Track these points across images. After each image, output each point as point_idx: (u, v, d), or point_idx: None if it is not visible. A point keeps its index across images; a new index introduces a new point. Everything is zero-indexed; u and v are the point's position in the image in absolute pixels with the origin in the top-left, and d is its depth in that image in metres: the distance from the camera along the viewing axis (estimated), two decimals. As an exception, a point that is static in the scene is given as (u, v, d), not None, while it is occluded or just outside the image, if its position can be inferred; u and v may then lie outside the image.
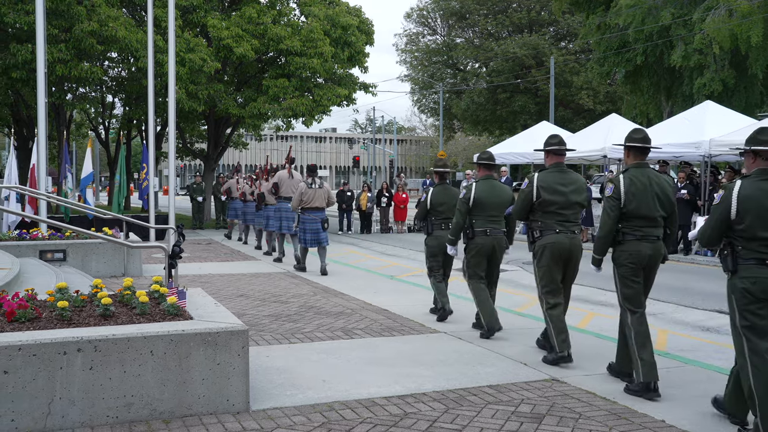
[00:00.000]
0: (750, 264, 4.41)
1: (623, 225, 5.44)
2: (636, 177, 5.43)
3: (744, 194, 4.42)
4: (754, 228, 4.37)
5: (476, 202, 7.06)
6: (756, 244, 4.39)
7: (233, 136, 27.96)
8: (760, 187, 4.41)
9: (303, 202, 11.68)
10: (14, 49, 16.95)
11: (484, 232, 7.09)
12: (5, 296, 5.00)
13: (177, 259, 5.78)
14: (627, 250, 5.44)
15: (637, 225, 5.40)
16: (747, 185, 4.46)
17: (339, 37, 21.98)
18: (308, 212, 11.68)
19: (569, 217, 6.18)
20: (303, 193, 11.68)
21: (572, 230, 6.19)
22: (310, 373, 5.70)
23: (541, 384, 5.55)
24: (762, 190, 4.40)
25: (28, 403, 4.19)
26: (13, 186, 12.86)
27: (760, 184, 4.42)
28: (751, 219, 4.38)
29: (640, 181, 5.41)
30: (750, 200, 4.39)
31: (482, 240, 7.10)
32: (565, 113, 44.39)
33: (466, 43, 51.01)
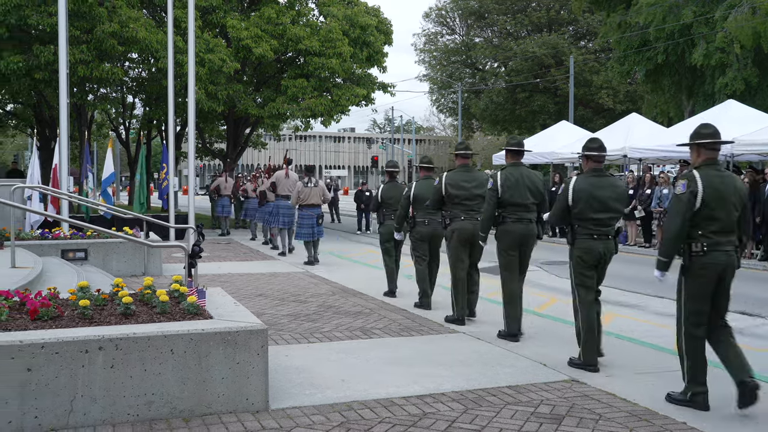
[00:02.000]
0: (584, 238, 5.91)
1: (502, 210, 6.91)
2: (510, 173, 6.92)
3: (577, 187, 5.91)
4: (586, 211, 5.87)
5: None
6: (587, 224, 5.88)
7: (252, 136, 28.08)
8: (589, 182, 5.95)
9: (300, 199, 12.85)
10: (37, 51, 17.13)
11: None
12: (28, 295, 5.06)
13: (197, 258, 5.81)
14: (506, 229, 6.93)
15: (513, 210, 6.88)
16: (580, 180, 5.99)
17: (358, 37, 22.00)
18: (305, 209, 12.88)
19: (473, 207, 7.61)
20: (300, 191, 12.86)
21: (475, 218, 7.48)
22: (328, 372, 5.71)
23: (560, 385, 5.52)
24: (591, 184, 5.93)
25: (50, 401, 4.23)
26: (36, 186, 12.99)
27: (590, 180, 5.97)
28: (582, 205, 5.87)
29: (513, 176, 6.88)
30: (581, 191, 5.89)
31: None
32: (584, 113, 44.11)
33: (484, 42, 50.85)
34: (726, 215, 4.92)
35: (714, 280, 4.93)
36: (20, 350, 4.17)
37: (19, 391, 4.16)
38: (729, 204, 4.92)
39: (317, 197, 12.92)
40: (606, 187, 5.98)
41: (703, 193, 4.85)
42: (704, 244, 4.90)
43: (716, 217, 4.90)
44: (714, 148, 5.09)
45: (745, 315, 8.82)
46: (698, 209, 4.87)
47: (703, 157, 5.03)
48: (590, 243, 5.93)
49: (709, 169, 4.95)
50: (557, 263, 13.79)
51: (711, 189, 4.86)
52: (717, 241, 4.91)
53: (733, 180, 5.03)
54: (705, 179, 4.88)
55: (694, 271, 4.97)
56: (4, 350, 4.13)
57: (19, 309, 4.89)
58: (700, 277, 4.94)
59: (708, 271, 4.91)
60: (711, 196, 4.85)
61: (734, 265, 4.98)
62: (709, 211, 4.86)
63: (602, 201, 5.91)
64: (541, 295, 10.21)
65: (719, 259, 4.92)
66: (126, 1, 18.61)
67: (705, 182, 4.87)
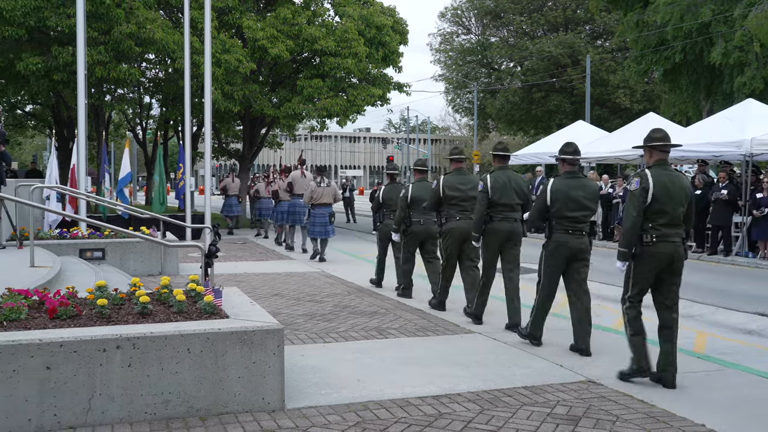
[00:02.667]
0: (560, 233, 6.46)
1: (490, 210, 7.44)
2: (498, 176, 7.49)
3: (554, 188, 6.50)
4: (562, 210, 6.44)
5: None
6: (563, 221, 6.46)
7: (268, 136, 28.17)
8: (566, 184, 6.52)
9: (313, 198, 13.35)
10: (56, 52, 17.31)
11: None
12: (47, 294, 5.11)
13: (213, 258, 5.84)
14: (493, 227, 7.47)
15: (500, 210, 7.44)
16: (557, 182, 6.55)
17: (373, 37, 22.01)
18: (317, 207, 13.41)
19: (467, 208, 8.09)
20: (313, 191, 13.36)
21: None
22: (344, 372, 5.72)
23: (577, 386, 5.50)
24: (567, 186, 6.51)
25: (69, 399, 4.27)
26: (54, 186, 13.11)
27: (566, 181, 6.54)
28: (559, 204, 6.44)
29: (501, 179, 7.46)
30: (558, 192, 6.46)
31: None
32: (601, 112, 43.86)
33: (500, 42, 50.72)
34: (673, 210, 5.49)
35: (660, 267, 5.57)
36: (39, 349, 4.21)
37: (39, 389, 4.21)
38: (676, 200, 5.49)
39: (329, 197, 13.46)
40: (580, 187, 6.56)
41: (653, 189, 5.42)
42: (653, 235, 5.49)
43: (665, 211, 5.47)
44: (664, 150, 5.63)
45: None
46: (649, 204, 5.45)
47: (655, 158, 5.62)
48: (566, 237, 6.51)
49: (660, 168, 5.54)
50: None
51: (660, 186, 5.44)
52: (665, 233, 5.49)
53: (681, 179, 5.62)
54: (655, 177, 5.46)
55: (643, 258, 5.56)
56: (24, 349, 4.17)
57: (38, 308, 4.94)
58: (648, 264, 5.56)
59: (655, 259, 5.52)
60: (660, 192, 5.43)
61: (681, 254, 5.61)
62: (659, 205, 5.45)
63: (577, 200, 6.49)
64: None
65: (667, 249, 5.52)
66: (143, 2, 18.75)
67: (655, 180, 5.44)
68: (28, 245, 8.70)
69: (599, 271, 12.84)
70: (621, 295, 5.92)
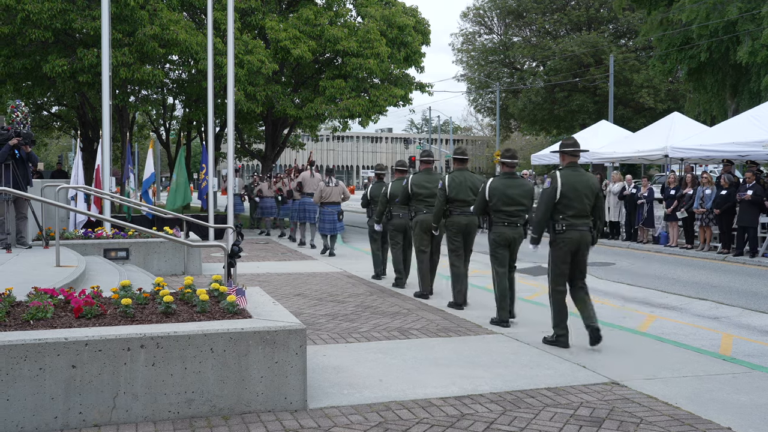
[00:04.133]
0: (498, 225, 7.58)
1: (450, 205, 8.55)
2: (456, 176, 8.60)
3: (492, 186, 7.56)
4: (498, 205, 7.53)
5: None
6: (500, 214, 7.54)
7: (290, 137, 28.27)
8: (503, 183, 7.56)
9: (323, 197, 14.28)
10: (81, 54, 17.49)
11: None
12: (72, 293, 5.16)
13: (236, 258, 5.87)
14: (453, 220, 8.57)
15: (458, 205, 8.49)
16: (495, 181, 7.61)
17: (395, 38, 22.01)
18: (326, 206, 14.33)
19: (432, 203, 9.01)
20: (322, 190, 14.31)
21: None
22: (366, 372, 5.73)
23: (600, 387, 5.46)
24: (504, 185, 7.55)
25: (94, 397, 4.32)
26: (79, 186, 13.25)
27: (503, 181, 7.59)
28: (496, 200, 7.53)
29: (458, 179, 8.57)
30: (496, 190, 7.54)
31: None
32: (624, 112, 43.53)
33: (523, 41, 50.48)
34: (580, 204, 6.64)
35: (572, 251, 6.67)
36: (65, 347, 4.26)
37: (64, 387, 4.25)
38: (582, 196, 6.64)
39: (337, 195, 14.38)
40: (515, 186, 7.63)
41: (561, 188, 6.59)
42: (563, 225, 6.64)
43: (572, 205, 6.62)
44: (574, 155, 6.84)
45: None
46: (559, 200, 6.61)
47: (567, 161, 6.82)
48: (503, 229, 7.61)
49: (570, 170, 6.73)
50: (597, 264, 13.64)
51: (568, 185, 6.59)
52: (573, 223, 6.64)
53: (588, 178, 6.78)
54: (564, 177, 6.63)
55: (557, 244, 6.71)
56: (50, 347, 4.23)
57: (64, 307, 5.00)
58: (561, 249, 6.68)
59: (566, 244, 6.65)
60: (568, 190, 6.58)
61: (588, 241, 6.74)
62: (567, 201, 6.59)
63: (512, 197, 7.57)
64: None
65: (575, 235, 6.65)
66: (167, 4, 18.89)
67: (564, 180, 6.61)
68: (53, 245, 8.81)
69: (624, 272, 12.76)
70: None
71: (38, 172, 21.17)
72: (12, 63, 18.32)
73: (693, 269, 13.08)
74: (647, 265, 13.73)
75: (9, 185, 9.48)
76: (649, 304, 9.57)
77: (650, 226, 17.26)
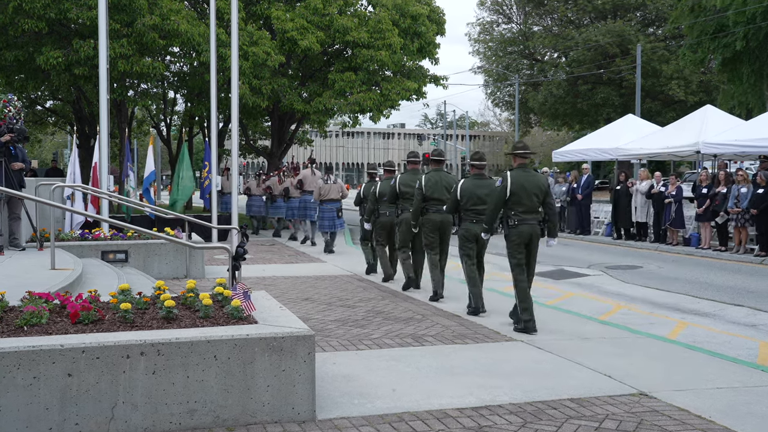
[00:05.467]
0: (466, 222, 8.61)
1: (426, 204, 9.48)
2: (431, 177, 9.59)
3: (464, 187, 8.59)
4: (468, 204, 8.56)
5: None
6: (469, 212, 8.56)
7: (298, 133, 28.32)
8: (473, 184, 8.61)
9: (321, 195, 15.38)
10: (77, 45, 17.55)
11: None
12: (69, 297, 5.19)
13: (241, 260, 5.89)
14: (429, 218, 9.53)
15: (434, 204, 9.47)
16: (467, 182, 8.64)
17: (408, 28, 22.02)
18: (325, 203, 15.45)
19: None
20: (321, 187, 15.45)
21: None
22: (378, 381, 5.73)
23: (627, 398, 5.43)
24: (474, 185, 8.59)
25: (91, 407, 4.33)
26: (76, 185, 13.32)
27: (473, 182, 8.63)
28: (466, 199, 8.55)
29: (434, 179, 9.55)
30: (466, 190, 8.56)
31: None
32: (652, 105, 43.31)
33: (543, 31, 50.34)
34: (528, 201, 7.79)
35: (524, 242, 7.81)
36: (61, 354, 4.28)
37: (60, 396, 4.28)
38: (531, 194, 7.79)
39: (336, 193, 15.48)
40: (484, 186, 8.58)
41: (511, 186, 7.73)
42: (515, 219, 7.78)
43: (522, 202, 7.77)
44: (524, 157, 8.05)
45: None
46: (509, 197, 7.75)
47: (517, 162, 8.03)
48: (471, 225, 8.62)
49: (520, 170, 7.92)
50: (623, 267, 13.59)
51: (518, 184, 7.75)
52: (524, 218, 7.79)
53: (536, 178, 8.00)
54: (514, 177, 7.79)
55: (510, 237, 7.86)
56: (45, 354, 4.25)
57: (60, 312, 5.03)
58: (515, 240, 7.82)
59: (518, 236, 7.80)
60: (517, 188, 7.73)
61: (537, 232, 7.88)
62: (517, 198, 7.74)
63: (480, 197, 8.51)
64: (604, 301, 10.07)
65: (525, 229, 7.80)
66: (167, -7, 18.95)
67: (513, 179, 7.77)
68: (48, 247, 8.87)
69: (652, 276, 12.70)
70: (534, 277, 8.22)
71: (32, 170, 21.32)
72: (4, 55, 18.45)
73: (727, 273, 13.00)
74: (677, 268, 13.66)
75: (2, 184, 9.53)
76: (679, 310, 9.52)
77: (679, 227, 17.16)
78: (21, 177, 10.29)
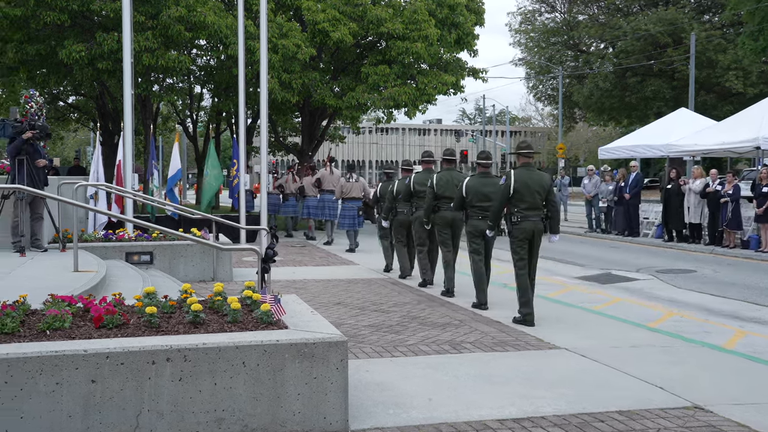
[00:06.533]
0: (472, 218, 9.43)
1: (437, 202, 10.38)
2: (443, 176, 10.50)
3: (469, 185, 9.43)
4: (473, 201, 9.36)
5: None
6: (475, 209, 9.37)
7: (329, 129, 28.39)
8: (479, 182, 9.41)
9: (343, 193, 16.55)
10: (100, 38, 17.76)
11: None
12: (92, 301, 5.26)
13: (270, 262, 5.91)
14: (441, 215, 10.41)
15: (445, 201, 10.30)
16: (472, 180, 9.48)
17: (445, 18, 21.97)
18: (347, 201, 16.53)
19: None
20: (343, 186, 16.62)
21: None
22: (414, 390, 5.72)
23: (681, 412, 5.36)
24: (479, 183, 9.40)
25: (115, 415, 4.38)
26: (99, 184, 13.49)
27: (479, 180, 9.46)
28: (472, 196, 9.37)
29: (445, 177, 10.46)
30: (471, 188, 9.39)
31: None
32: (707, 98, 42.72)
33: (589, 20, 49.91)
34: (531, 198, 8.46)
35: (527, 238, 8.47)
36: (84, 360, 4.33)
37: (83, 404, 4.33)
38: (533, 191, 8.47)
39: (358, 191, 16.55)
40: (489, 184, 9.33)
41: (514, 185, 8.43)
42: (518, 216, 8.46)
43: (525, 199, 8.45)
44: (528, 156, 8.86)
45: None
46: (513, 195, 8.45)
47: (521, 162, 8.83)
48: (477, 222, 9.39)
49: (523, 169, 8.65)
50: (675, 271, 13.41)
51: (521, 182, 8.44)
52: (526, 215, 8.46)
53: (540, 176, 8.67)
54: (517, 176, 8.48)
55: (514, 233, 8.53)
56: (68, 360, 4.31)
57: (83, 316, 5.09)
58: (518, 236, 8.50)
59: (521, 231, 8.46)
60: (521, 186, 8.43)
61: (540, 229, 8.52)
62: (520, 196, 8.43)
63: (485, 194, 9.26)
64: (654, 307, 9.94)
65: (528, 225, 8.46)
66: (193, -17, 19.12)
67: (516, 178, 8.46)
68: (71, 248, 9.00)
69: (707, 281, 12.52)
70: None
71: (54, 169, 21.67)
72: (25, 49, 18.69)
73: (787, 278, 12.77)
74: (735, 272, 13.45)
75: (23, 183, 9.68)
76: (737, 317, 9.37)
77: (737, 229, 16.88)
78: (45, 175, 10.47)
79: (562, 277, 12.67)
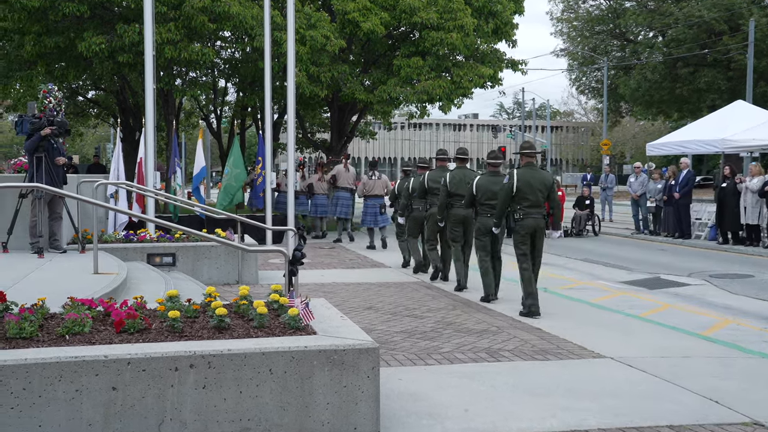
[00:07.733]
0: (482, 215, 10.24)
1: (450, 200, 11.18)
2: (455, 174, 11.30)
3: (479, 183, 10.28)
4: (483, 199, 10.18)
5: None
6: (484, 207, 10.17)
7: (360, 125, 28.43)
8: (489, 180, 10.24)
9: (366, 190, 17.35)
10: (121, 30, 17.92)
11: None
12: (113, 304, 5.31)
13: (298, 265, 5.93)
14: (453, 212, 11.21)
15: (458, 199, 11.04)
16: (482, 179, 10.33)
17: (482, 6, 21.90)
18: (369, 199, 17.39)
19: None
20: (365, 183, 17.45)
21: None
22: (449, 400, 5.72)
23: (738, 428, 5.28)
24: (489, 182, 10.21)
25: (137, 424, 4.43)
26: (120, 182, 13.64)
27: (489, 178, 10.27)
28: (481, 194, 10.20)
29: (458, 176, 11.24)
30: (481, 186, 10.23)
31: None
32: (767, 89, 42.08)
33: (637, 7, 49.42)
34: (533, 196, 9.31)
35: (530, 234, 9.34)
36: (105, 366, 4.39)
37: (103, 412, 4.38)
38: (536, 190, 9.32)
39: (380, 188, 17.43)
40: (498, 183, 9.94)
41: (517, 183, 9.28)
42: (521, 213, 9.31)
43: (527, 197, 9.30)
44: (530, 156, 9.71)
45: None
46: (516, 193, 9.29)
47: (524, 161, 9.68)
48: (485, 219, 10.20)
49: (526, 168, 9.52)
50: (730, 276, 13.25)
51: (523, 181, 9.30)
52: (528, 212, 9.31)
53: (542, 175, 9.59)
54: (520, 175, 9.34)
55: (517, 230, 9.40)
56: (88, 366, 4.36)
57: (103, 320, 5.15)
58: (520, 232, 9.37)
59: (524, 228, 9.33)
60: (523, 185, 9.28)
61: (541, 226, 9.40)
62: (522, 194, 9.27)
63: (495, 192, 9.95)
64: (708, 314, 9.83)
65: (530, 222, 9.33)
66: (218, -28, 19.23)
67: (519, 177, 9.32)
68: (91, 249, 9.11)
69: (766, 286, 12.33)
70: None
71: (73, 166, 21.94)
72: (43, 41, 18.93)
73: None
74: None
75: (41, 181, 9.81)
76: (791, 323, 9.23)
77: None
78: (64, 173, 10.60)
79: (606, 282, 12.58)
